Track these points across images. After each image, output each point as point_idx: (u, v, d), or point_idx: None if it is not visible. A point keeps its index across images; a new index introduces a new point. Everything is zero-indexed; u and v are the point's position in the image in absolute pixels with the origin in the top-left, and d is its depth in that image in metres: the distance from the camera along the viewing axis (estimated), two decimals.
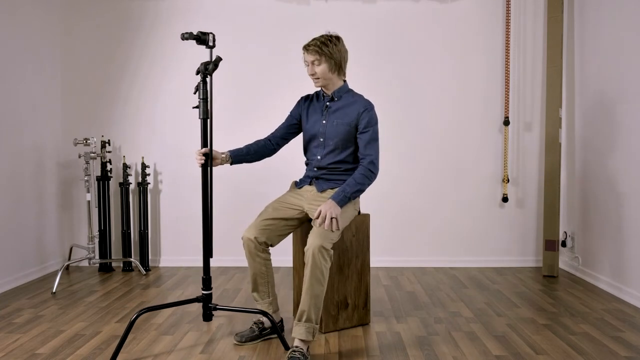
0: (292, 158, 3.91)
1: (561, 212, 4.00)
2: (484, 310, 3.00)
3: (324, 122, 2.57)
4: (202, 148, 2.41)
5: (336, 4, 4.06)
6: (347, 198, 2.41)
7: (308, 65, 2.50)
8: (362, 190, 2.45)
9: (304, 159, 2.73)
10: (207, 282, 2.42)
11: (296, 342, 2.28)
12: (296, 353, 2.23)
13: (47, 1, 3.93)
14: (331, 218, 2.31)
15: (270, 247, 2.53)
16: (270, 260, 2.54)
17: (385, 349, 2.42)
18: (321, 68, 2.48)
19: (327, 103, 2.58)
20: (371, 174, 2.47)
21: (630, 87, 3.17)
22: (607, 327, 2.70)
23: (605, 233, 3.44)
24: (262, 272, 2.53)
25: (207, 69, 2.32)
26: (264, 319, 2.56)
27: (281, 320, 2.63)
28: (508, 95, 4.03)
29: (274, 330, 2.46)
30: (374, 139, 2.51)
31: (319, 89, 2.65)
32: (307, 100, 2.69)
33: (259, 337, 2.53)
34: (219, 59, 2.35)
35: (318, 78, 2.50)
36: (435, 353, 2.37)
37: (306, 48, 2.48)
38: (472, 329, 2.68)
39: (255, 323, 2.57)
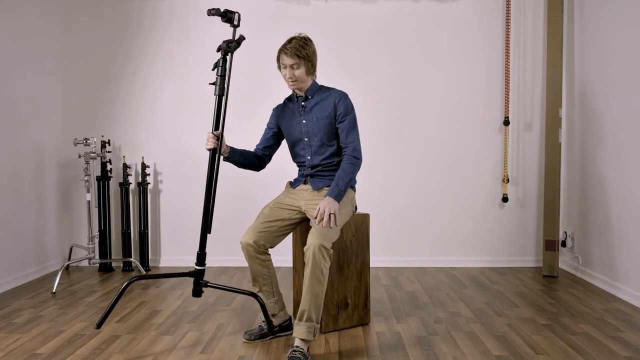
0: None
1: (561, 212, 4.00)
2: (484, 310, 3.00)
3: (304, 121, 2.57)
4: (213, 126, 2.42)
5: (336, 4, 4.06)
6: (342, 191, 2.42)
7: (285, 68, 2.48)
8: (353, 179, 2.50)
9: (295, 163, 2.73)
10: (201, 258, 2.44)
11: (297, 342, 2.28)
12: (297, 353, 2.23)
13: (47, 1, 3.93)
14: (330, 214, 2.32)
15: (270, 249, 2.53)
16: (270, 260, 2.54)
17: (385, 349, 2.42)
18: (300, 71, 2.47)
19: (303, 103, 2.58)
20: (357, 160, 2.49)
21: (630, 87, 3.17)
22: (607, 327, 2.70)
23: (605, 233, 3.44)
24: (264, 274, 2.53)
25: (229, 47, 2.32)
26: (273, 319, 2.57)
27: (289, 318, 2.63)
28: (508, 95, 4.03)
29: (263, 312, 2.49)
30: (353, 126, 2.53)
31: (290, 92, 2.66)
32: (280, 108, 2.70)
33: (268, 335, 2.54)
34: (242, 38, 2.35)
35: (296, 81, 2.49)
36: (435, 353, 2.37)
37: (284, 51, 2.45)
38: (472, 329, 2.68)
39: (264, 321, 2.57)
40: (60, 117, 4.12)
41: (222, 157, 2.54)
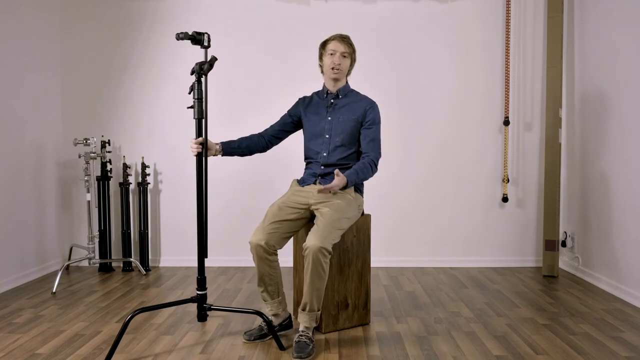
0: (293, 155, 3.92)
1: (561, 212, 4.00)
2: (484, 310, 3.00)
3: (329, 118, 2.61)
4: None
5: (336, 4, 4.06)
6: (356, 181, 2.46)
7: (332, 55, 2.55)
8: (366, 178, 2.51)
9: (305, 157, 2.75)
10: (201, 283, 2.44)
11: (302, 327, 2.40)
12: (303, 337, 2.35)
13: (47, 1, 3.93)
14: (330, 191, 2.36)
15: (277, 250, 2.52)
16: (277, 261, 2.53)
17: (385, 349, 2.42)
18: (346, 62, 2.58)
19: (332, 100, 2.62)
20: (374, 168, 2.54)
21: (629, 87, 3.17)
22: (607, 327, 2.70)
23: (605, 233, 3.44)
24: (271, 274, 2.52)
25: (202, 69, 2.32)
26: (273, 318, 2.58)
27: (289, 317, 2.64)
28: (508, 95, 4.03)
29: (270, 331, 2.46)
30: (377, 137, 2.59)
31: (315, 90, 2.75)
32: (307, 99, 2.73)
33: (268, 336, 2.54)
34: (214, 59, 2.35)
35: (340, 70, 2.56)
36: (435, 353, 2.37)
37: (340, 39, 2.56)
38: (472, 329, 2.68)
39: (263, 322, 2.57)
40: (60, 117, 4.12)
41: (219, 155, 2.58)
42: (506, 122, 4.03)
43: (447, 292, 3.37)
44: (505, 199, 4.06)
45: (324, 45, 2.61)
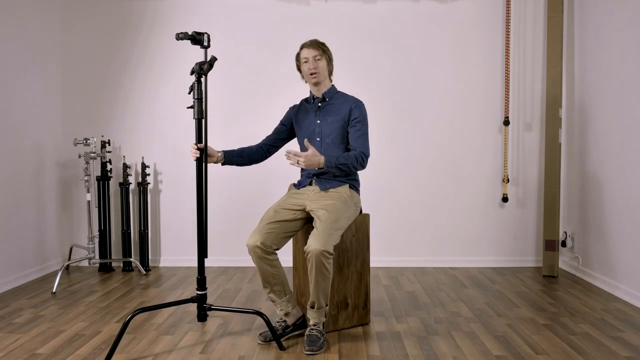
0: None
1: (561, 212, 4.00)
2: (484, 310, 3.00)
3: (318, 121, 2.66)
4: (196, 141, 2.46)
5: (336, 4, 4.06)
6: (334, 165, 2.48)
7: (306, 62, 2.60)
8: (349, 168, 2.52)
9: None
10: (201, 283, 2.44)
11: (312, 322, 2.45)
12: (314, 331, 2.41)
13: (46, 1, 3.93)
14: (299, 161, 2.40)
15: (276, 250, 2.52)
16: (278, 259, 2.53)
17: (385, 349, 2.42)
18: (322, 63, 2.60)
19: (319, 104, 2.68)
20: (362, 161, 2.56)
21: (629, 87, 3.17)
22: (607, 327, 2.70)
23: (605, 233, 3.44)
24: (274, 274, 2.51)
25: (201, 69, 2.33)
26: (287, 318, 2.56)
27: (302, 316, 2.61)
28: (508, 95, 4.03)
29: (270, 329, 2.45)
30: (364, 133, 2.61)
31: (307, 95, 2.78)
32: (296, 107, 2.79)
33: (283, 336, 2.53)
34: (213, 59, 2.37)
35: (317, 73, 2.59)
36: (435, 353, 2.37)
37: (306, 45, 2.61)
38: (472, 329, 2.68)
39: (278, 322, 2.57)
40: (60, 117, 4.12)
41: (220, 164, 2.62)
42: (506, 122, 4.03)
43: (447, 292, 3.37)
44: (505, 199, 4.06)
45: (297, 56, 2.67)
